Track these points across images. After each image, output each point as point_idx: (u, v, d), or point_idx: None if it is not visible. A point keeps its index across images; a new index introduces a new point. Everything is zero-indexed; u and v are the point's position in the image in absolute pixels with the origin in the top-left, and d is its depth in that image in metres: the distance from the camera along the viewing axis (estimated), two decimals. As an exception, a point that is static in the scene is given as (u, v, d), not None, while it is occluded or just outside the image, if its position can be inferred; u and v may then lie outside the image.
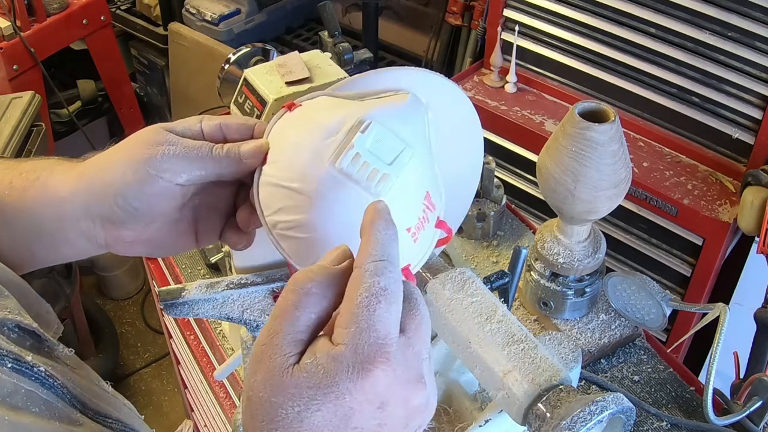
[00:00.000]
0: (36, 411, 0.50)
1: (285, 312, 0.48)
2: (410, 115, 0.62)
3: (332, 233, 0.58)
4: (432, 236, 0.62)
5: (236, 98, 1.10)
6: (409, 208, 0.59)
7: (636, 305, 1.11)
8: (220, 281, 0.89)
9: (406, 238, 0.59)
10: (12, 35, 2.32)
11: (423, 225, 0.60)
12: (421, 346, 0.49)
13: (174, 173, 0.60)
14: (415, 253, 0.61)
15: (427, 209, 0.60)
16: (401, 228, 0.57)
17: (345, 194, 0.58)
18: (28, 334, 0.56)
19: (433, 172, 0.62)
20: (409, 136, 0.60)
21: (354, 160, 0.57)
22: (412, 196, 0.59)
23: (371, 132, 0.58)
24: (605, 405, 0.60)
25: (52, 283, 2.16)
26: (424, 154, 0.61)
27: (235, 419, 0.96)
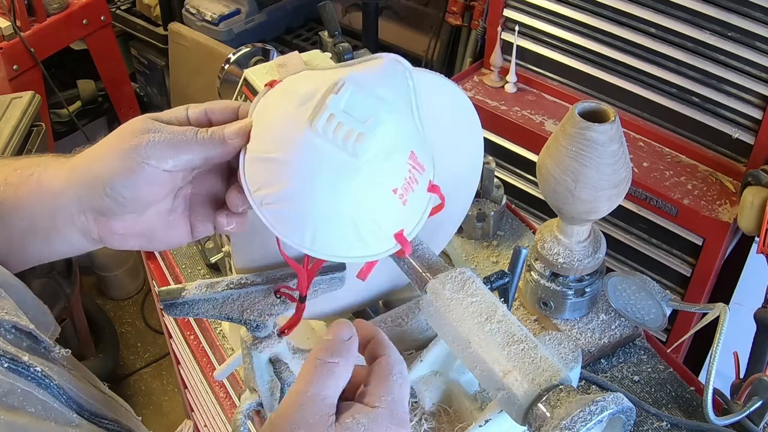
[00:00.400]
0: (32, 411, 0.50)
1: (319, 376, 0.55)
2: (388, 76, 0.60)
3: (316, 197, 0.57)
4: (425, 201, 0.61)
5: (236, 98, 1.10)
6: (392, 167, 0.58)
7: (636, 305, 1.11)
8: (220, 281, 0.89)
9: (392, 199, 0.58)
10: (12, 35, 2.32)
11: (411, 186, 0.59)
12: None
13: (160, 159, 0.60)
14: (407, 216, 0.59)
15: (413, 169, 0.59)
16: (387, 188, 0.57)
17: (324, 157, 0.57)
18: (24, 335, 0.56)
19: (418, 133, 0.61)
20: (387, 94, 0.59)
21: (328, 122, 0.57)
22: (395, 154, 0.58)
23: (345, 92, 0.58)
24: (605, 405, 0.60)
25: (52, 283, 2.16)
26: (404, 112, 0.59)
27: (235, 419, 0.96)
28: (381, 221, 0.58)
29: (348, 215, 0.57)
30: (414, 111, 0.61)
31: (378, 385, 0.56)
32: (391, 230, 0.59)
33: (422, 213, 0.61)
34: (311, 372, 0.55)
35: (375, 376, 0.57)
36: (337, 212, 0.57)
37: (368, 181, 0.57)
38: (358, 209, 0.57)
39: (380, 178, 0.57)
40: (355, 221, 0.57)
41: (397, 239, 0.59)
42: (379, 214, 0.58)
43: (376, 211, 0.58)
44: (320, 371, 0.55)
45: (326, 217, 0.58)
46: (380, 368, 0.57)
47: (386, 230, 0.59)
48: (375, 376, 0.57)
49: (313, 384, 0.54)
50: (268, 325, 0.90)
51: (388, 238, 0.59)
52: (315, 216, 0.57)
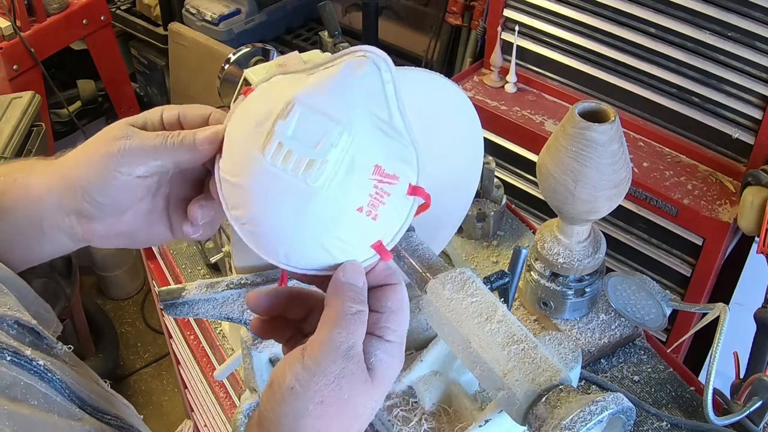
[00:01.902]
0: (35, 404, 0.50)
1: (355, 330, 0.55)
2: (345, 86, 0.57)
3: (279, 223, 0.57)
4: (406, 206, 0.60)
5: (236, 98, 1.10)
6: (352, 187, 0.56)
7: (636, 305, 1.11)
8: (220, 281, 0.89)
9: (358, 218, 0.57)
10: (12, 35, 2.32)
11: (380, 200, 0.57)
12: None
13: (131, 166, 0.61)
14: (381, 228, 0.59)
15: (380, 183, 0.57)
16: (351, 208, 0.56)
17: (279, 184, 0.56)
18: (27, 330, 0.56)
19: (386, 142, 0.58)
20: (340, 112, 0.57)
21: (278, 150, 0.56)
22: (352, 174, 0.56)
23: (293, 117, 0.56)
24: (605, 405, 0.60)
25: (52, 283, 2.16)
26: (363, 126, 0.57)
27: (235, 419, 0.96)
28: (349, 239, 0.58)
29: (313, 238, 0.57)
30: (383, 114, 0.58)
31: (392, 317, 0.57)
32: (363, 244, 0.59)
33: (404, 219, 0.60)
34: (347, 323, 0.55)
35: (389, 305, 0.58)
36: (302, 235, 0.57)
37: (326, 206, 0.56)
38: (321, 232, 0.57)
39: (339, 200, 0.56)
40: (322, 243, 0.57)
41: (376, 249, 0.59)
42: (345, 234, 0.57)
43: (341, 231, 0.57)
44: (354, 321, 0.55)
45: (292, 239, 0.58)
46: (395, 298, 0.58)
47: (358, 245, 0.58)
48: (389, 306, 0.58)
49: (352, 335, 0.55)
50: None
51: (363, 251, 0.59)
52: (281, 238, 0.58)
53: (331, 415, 0.54)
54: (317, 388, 0.53)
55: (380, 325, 0.57)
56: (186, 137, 0.62)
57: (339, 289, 0.56)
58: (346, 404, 0.54)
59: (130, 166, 0.61)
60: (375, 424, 0.96)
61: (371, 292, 0.58)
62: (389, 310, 0.57)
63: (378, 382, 0.56)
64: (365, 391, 0.55)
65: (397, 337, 0.57)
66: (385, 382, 0.56)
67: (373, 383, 0.55)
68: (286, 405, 0.54)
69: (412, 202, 0.60)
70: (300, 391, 0.53)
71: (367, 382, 0.55)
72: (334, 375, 0.53)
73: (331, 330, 0.55)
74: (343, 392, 0.54)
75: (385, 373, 0.56)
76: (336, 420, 0.54)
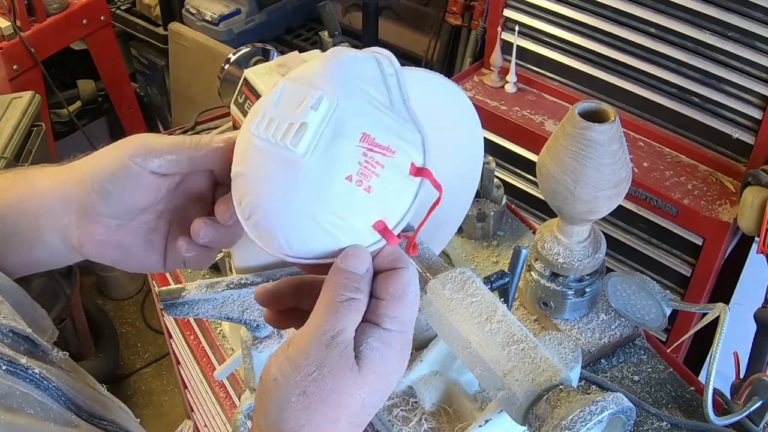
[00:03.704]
0: (31, 412, 0.50)
1: (341, 317, 0.53)
2: (337, 65, 0.57)
3: (271, 200, 0.56)
4: (408, 186, 0.57)
5: (236, 98, 1.10)
6: (337, 152, 0.55)
7: (636, 305, 1.11)
8: (220, 281, 0.89)
9: (348, 187, 0.54)
10: (12, 35, 2.32)
11: (372, 170, 0.55)
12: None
13: (146, 158, 0.61)
14: (380, 204, 0.56)
15: (369, 152, 0.55)
16: (339, 176, 0.54)
17: (267, 159, 0.56)
18: (22, 339, 0.56)
19: (378, 115, 0.56)
20: (327, 82, 0.56)
21: (260, 122, 0.56)
22: (337, 138, 0.55)
23: (278, 91, 0.57)
24: (605, 405, 0.60)
25: (52, 283, 2.16)
26: (351, 96, 0.56)
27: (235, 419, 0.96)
28: (343, 213, 0.55)
29: (305, 213, 0.56)
30: (381, 98, 0.57)
31: (392, 304, 0.55)
32: (362, 222, 0.56)
33: (410, 200, 0.57)
34: (334, 310, 0.53)
35: (390, 291, 0.55)
36: (294, 211, 0.56)
37: (312, 174, 0.55)
38: (311, 204, 0.55)
39: (325, 167, 0.54)
40: (314, 217, 0.55)
41: (378, 231, 0.56)
42: (337, 206, 0.55)
43: (332, 203, 0.55)
44: (344, 309, 0.53)
45: (286, 218, 0.56)
46: (397, 283, 0.55)
47: (355, 223, 0.56)
48: (390, 292, 0.55)
49: (339, 322, 0.53)
50: (268, 325, 0.90)
51: (364, 231, 0.56)
52: (277, 219, 0.56)
53: (315, 406, 0.52)
54: (299, 378, 0.52)
55: (378, 311, 0.54)
56: (203, 138, 0.63)
57: (333, 275, 0.55)
58: (330, 394, 0.52)
59: (145, 158, 0.61)
60: (375, 424, 0.96)
61: (376, 278, 0.56)
62: (390, 296, 0.55)
63: (367, 370, 0.53)
64: (351, 380, 0.52)
65: (397, 324, 0.54)
66: (378, 371, 0.53)
67: (360, 371, 0.52)
68: (269, 396, 0.53)
69: (418, 183, 0.57)
70: (282, 382, 0.52)
71: (353, 370, 0.52)
72: (316, 364, 0.52)
73: (317, 319, 0.53)
74: (326, 382, 0.52)
75: (377, 361, 0.53)
76: (319, 411, 0.52)
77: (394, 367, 0.55)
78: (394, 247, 0.57)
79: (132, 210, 0.63)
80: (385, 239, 0.57)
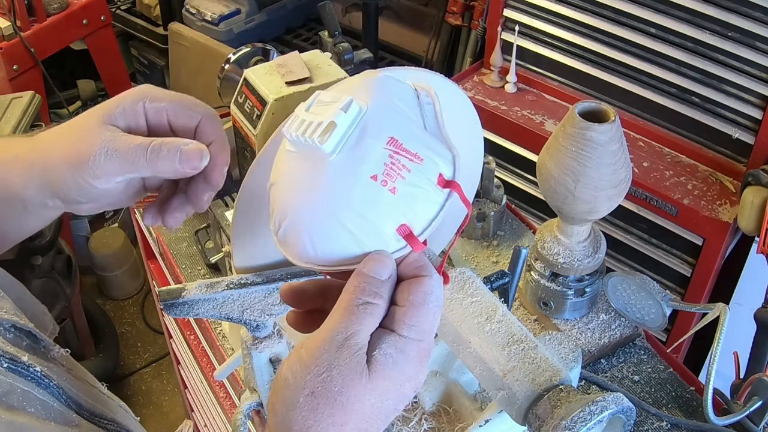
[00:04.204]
0: (32, 411, 0.50)
1: (356, 320, 0.53)
2: (373, 80, 0.59)
3: (298, 205, 0.57)
4: (436, 196, 0.57)
5: (236, 98, 1.10)
6: (365, 151, 0.55)
7: (636, 305, 1.11)
8: (220, 281, 0.89)
9: (373, 186, 0.55)
10: (12, 35, 2.32)
11: (398, 172, 0.55)
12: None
13: (109, 176, 0.60)
14: (404, 208, 0.56)
15: (396, 154, 0.55)
16: (364, 175, 0.55)
17: (297, 159, 0.57)
18: (24, 334, 0.56)
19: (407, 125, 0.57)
20: (356, 89, 0.58)
21: (292, 123, 0.57)
22: (366, 138, 0.55)
23: (313, 98, 0.58)
24: (605, 405, 0.60)
25: (52, 283, 2.16)
26: (383, 105, 0.57)
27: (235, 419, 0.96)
28: (367, 213, 0.55)
29: (329, 211, 0.56)
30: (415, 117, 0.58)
31: (410, 311, 0.54)
32: (386, 225, 0.56)
33: (437, 209, 0.57)
34: (349, 313, 0.53)
35: (410, 298, 0.54)
36: (319, 210, 0.56)
37: (340, 169, 0.55)
38: (336, 202, 0.55)
39: (351, 165, 0.55)
40: (338, 216, 0.55)
41: (403, 236, 0.56)
42: (361, 205, 0.55)
43: (356, 202, 0.55)
44: (359, 312, 0.53)
45: (311, 218, 0.56)
46: (417, 291, 0.54)
47: (379, 225, 0.55)
48: (409, 299, 0.54)
49: (352, 325, 0.52)
50: (268, 325, 0.90)
51: (388, 235, 0.56)
52: (303, 220, 0.57)
53: (322, 408, 0.51)
54: (308, 379, 0.51)
55: (396, 318, 0.53)
56: (170, 150, 0.60)
57: (354, 279, 0.54)
58: (338, 397, 0.51)
59: (108, 176, 0.60)
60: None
61: (399, 285, 0.55)
62: (409, 303, 0.53)
63: (378, 375, 0.52)
64: (361, 384, 0.52)
65: (415, 333, 0.53)
66: (390, 377, 0.52)
67: (370, 376, 0.52)
68: (279, 396, 0.53)
69: (446, 194, 0.57)
70: (292, 382, 0.52)
71: (363, 374, 0.52)
72: (326, 366, 0.51)
73: (332, 321, 0.53)
74: (334, 384, 0.51)
75: (389, 367, 0.52)
76: (326, 413, 0.51)
77: (408, 376, 0.54)
78: (419, 255, 0.56)
79: (106, 199, 0.64)
80: (409, 245, 0.56)
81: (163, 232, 1.36)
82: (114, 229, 2.88)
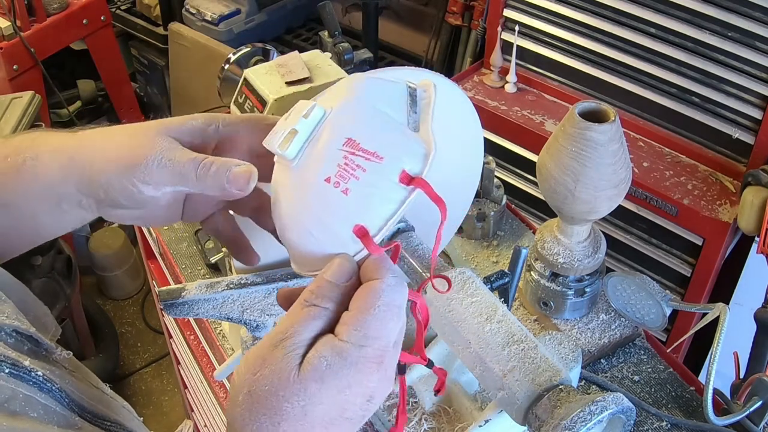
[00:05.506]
0: (34, 416, 0.50)
1: (297, 321, 0.53)
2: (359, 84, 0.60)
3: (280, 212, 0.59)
4: (395, 193, 0.56)
5: (236, 98, 1.10)
6: (319, 156, 0.56)
7: (636, 305, 1.11)
8: (220, 281, 0.89)
9: (328, 190, 0.55)
10: (12, 35, 2.32)
11: (352, 172, 0.55)
12: (400, 350, 0.57)
13: (157, 185, 0.60)
14: (357, 210, 0.55)
15: (351, 155, 0.55)
16: (319, 177, 0.55)
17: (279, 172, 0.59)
18: (25, 338, 0.56)
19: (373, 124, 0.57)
20: (334, 97, 0.59)
21: (270, 136, 0.58)
22: (320, 142, 0.56)
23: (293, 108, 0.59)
24: (605, 405, 0.60)
25: (52, 283, 2.16)
26: (350, 107, 0.58)
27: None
28: (324, 216, 0.56)
29: (294, 216, 0.57)
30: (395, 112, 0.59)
31: (355, 315, 0.52)
32: (342, 227, 0.56)
33: (394, 208, 0.56)
34: (293, 315, 0.53)
35: (355, 302, 0.53)
36: (291, 217, 0.58)
37: (299, 174, 0.57)
38: (299, 207, 0.57)
39: (309, 169, 0.56)
40: (302, 221, 0.57)
41: (357, 235, 0.55)
42: (318, 208, 0.56)
43: (314, 206, 0.56)
44: (302, 315, 0.53)
45: (289, 227, 0.58)
46: (364, 295, 0.53)
47: (335, 227, 0.56)
48: (355, 303, 0.53)
49: (293, 327, 0.52)
50: (268, 325, 0.90)
51: (346, 238, 0.56)
52: (283, 226, 0.59)
53: (256, 407, 0.51)
54: (246, 377, 0.51)
55: (341, 322, 0.52)
56: (218, 171, 0.60)
57: (311, 283, 0.54)
58: (269, 396, 0.50)
59: (156, 185, 0.60)
60: (375, 424, 0.96)
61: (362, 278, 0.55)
62: (355, 307, 0.52)
63: (307, 377, 0.50)
64: (289, 384, 0.50)
65: (356, 338, 0.51)
66: (323, 380, 0.50)
67: (299, 377, 0.50)
68: (229, 395, 0.53)
69: (407, 191, 0.57)
70: (236, 381, 0.53)
71: (292, 374, 0.50)
72: (260, 364, 0.51)
73: (279, 324, 0.53)
74: (265, 382, 0.51)
75: (322, 370, 0.50)
76: (260, 412, 0.51)
77: (348, 383, 0.51)
78: (375, 257, 0.55)
79: (147, 206, 0.64)
80: (365, 247, 0.56)
81: (162, 232, 1.36)
82: (114, 229, 2.88)
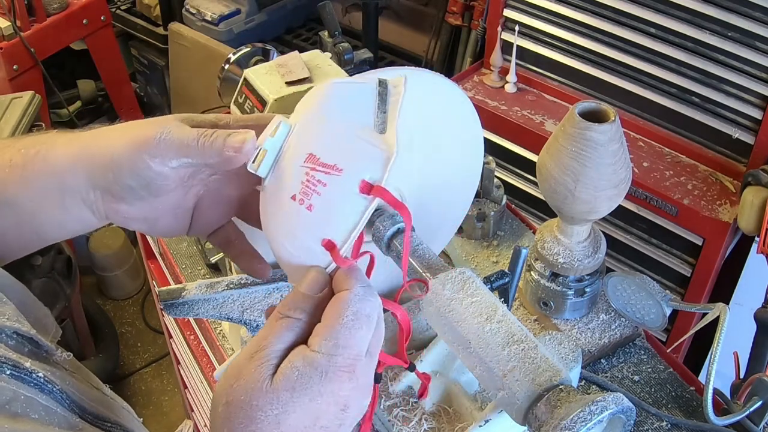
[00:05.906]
0: (35, 417, 0.50)
1: (271, 333, 0.54)
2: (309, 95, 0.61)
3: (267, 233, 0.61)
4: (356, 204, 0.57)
5: (236, 98, 1.10)
6: (284, 174, 0.57)
7: (636, 305, 1.11)
8: (220, 281, 0.89)
9: (294, 207, 0.56)
10: (12, 35, 2.32)
11: (313, 188, 0.56)
12: (376, 359, 0.58)
13: (164, 158, 0.60)
14: (321, 224, 0.57)
15: (312, 171, 0.56)
16: (286, 196, 0.57)
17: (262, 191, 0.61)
18: (26, 340, 0.56)
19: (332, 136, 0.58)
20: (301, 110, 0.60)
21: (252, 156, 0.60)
22: (285, 161, 0.57)
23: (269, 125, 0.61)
24: (605, 405, 0.60)
25: (52, 283, 2.16)
26: (310, 121, 0.59)
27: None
28: (296, 232, 0.57)
29: (271, 233, 0.59)
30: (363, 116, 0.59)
31: (325, 326, 0.53)
32: (311, 242, 0.57)
33: (356, 218, 0.57)
34: (268, 326, 0.54)
35: (326, 313, 0.54)
36: (271, 236, 0.59)
37: (271, 193, 0.58)
38: (272, 224, 0.58)
39: (277, 187, 0.57)
40: (277, 238, 0.58)
41: (325, 247, 0.57)
42: (289, 225, 0.57)
43: (285, 223, 0.57)
44: (276, 326, 0.54)
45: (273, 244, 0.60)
46: (333, 306, 0.54)
47: (306, 242, 0.57)
48: (326, 314, 0.54)
49: (267, 338, 0.53)
50: (268, 325, 0.90)
51: (316, 252, 0.57)
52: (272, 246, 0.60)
53: (233, 417, 0.52)
54: (225, 388, 0.53)
55: (314, 333, 0.54)
56: (216, 139, 0.60)
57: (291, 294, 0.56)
58: (244, 406, 0.52)
59: (164, 158, 0.60)
60: (375, 424, 0.96)
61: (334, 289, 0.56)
62: (325, 318, 0.54)
63: (279, 386, 0.52)
64: (262, 393, 0.52)
65: (327, 347, 0.52)
66: (295, 389, 0.51)
67: (272, 386, 0.52)
68: (212, 405, 0.55)
69: (368, 201, 0.57)
70: (217, 391, 0.54)
71: (265, 384, 0.52)
72: (236, 375, 0.53)
73: (255, 335, 0.55)
74: (240, 392, 0.52)
75: (294, 380, 0.52)
76: (236, 422, 0.52)
77: (320, 391, 0.52)
78: (346, 268, 0.57)
79: (157, 193, 0.63)
80: (333, 259, 0.57)
81: (163, 232, 1.36)
82: (114, 229, 2.88)
